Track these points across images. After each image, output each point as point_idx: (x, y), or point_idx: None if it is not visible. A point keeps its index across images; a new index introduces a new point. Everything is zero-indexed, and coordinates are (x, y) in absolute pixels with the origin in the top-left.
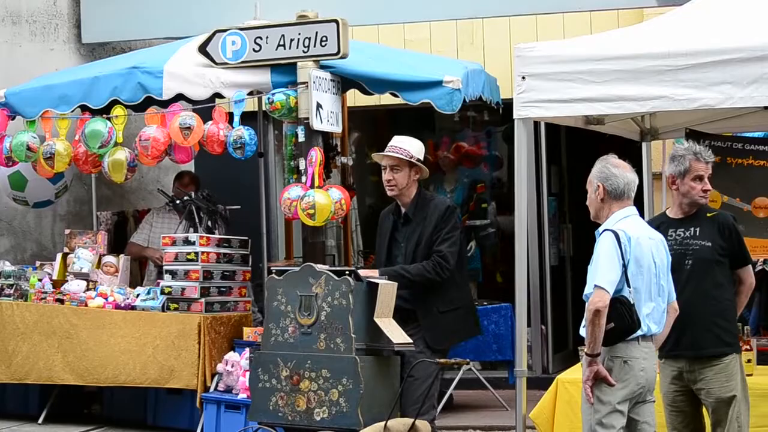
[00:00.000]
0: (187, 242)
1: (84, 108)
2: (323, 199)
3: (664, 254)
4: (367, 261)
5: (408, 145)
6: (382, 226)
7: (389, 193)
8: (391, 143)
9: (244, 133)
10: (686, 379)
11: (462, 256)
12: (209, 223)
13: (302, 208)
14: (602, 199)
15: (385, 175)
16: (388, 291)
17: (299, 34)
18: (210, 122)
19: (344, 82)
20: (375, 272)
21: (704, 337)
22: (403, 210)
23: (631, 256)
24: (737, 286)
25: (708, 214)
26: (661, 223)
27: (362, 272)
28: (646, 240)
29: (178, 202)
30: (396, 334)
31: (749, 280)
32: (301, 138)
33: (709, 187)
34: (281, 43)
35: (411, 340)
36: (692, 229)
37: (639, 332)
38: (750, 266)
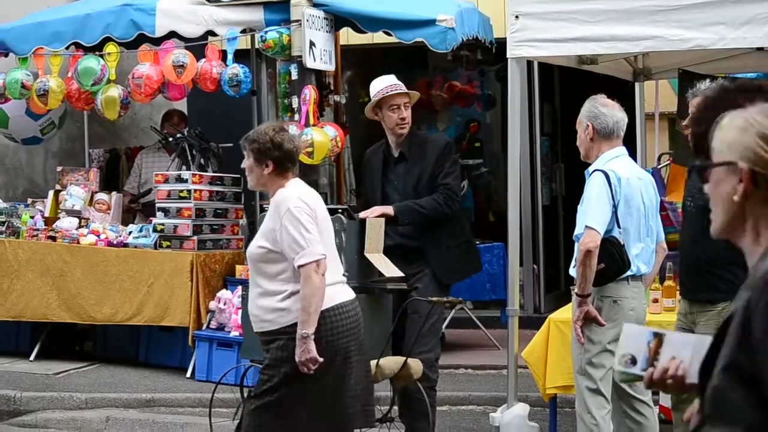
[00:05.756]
0: (179, 180)
1: (77, 45)
2: (321, 137)
3: (653, 194)
4: (359, 199)
5: (399, 81)
6: (371, 165)
7: (402, 131)
8: (388, 83)
9: (239, 71)
10: (689, 319)
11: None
12: (202, 161)
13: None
14: (591, 139)
15: (400, 114)
16: (375, 226)
17: None
18: (203, 60)
19: (337, 20)
20: (389, 209)
21: (693, 282)
22: (395, 148)
23: (621, 197)
24: None
25: None
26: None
27: (377, 209)
28: (635, 180)
29: (170, 139)
30: (388, 268)
31: None
32: (295, 76)
33: (689, 124)
34: None
35: (403, 274)
36: None
37: (629, 272)
38: None
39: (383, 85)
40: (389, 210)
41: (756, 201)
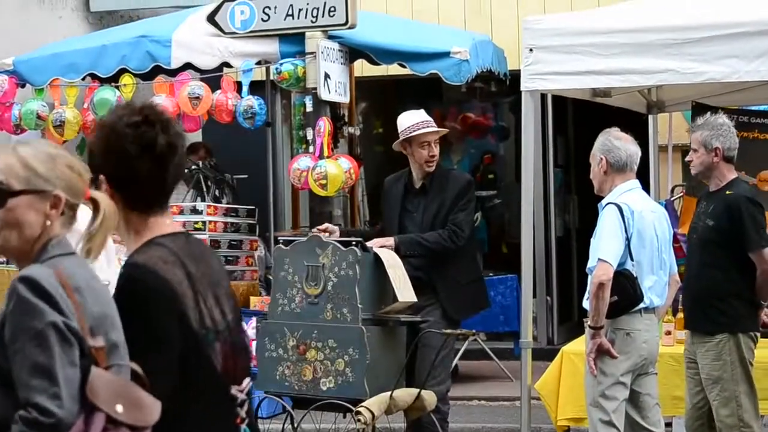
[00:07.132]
0: (194, 211)
1: (93, 76)
2: (335, 169)
3: (666, 227)
4: (376, 226)
5: (429, 117)
6: (390, 194)
7: (430, 168)
8: (420, 120)
9: (254, 102)
10: (691, 349)
11: (472, 228)
12: (216, 192)
13: (314, 179)
14: (605, 172)
15: (431, 151)
16: (397, 270)
17: (307, 4)
18: (218, 91)
19: (352, 52)
20: (390, 240)
21: (694, 313)
22: (418, 180)
23: (634, 230)
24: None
25: (727, 192)
26: (702, 195)
27: (377, 240)
28: (648, 213)
29: (185, 171)
30: (403, 290)
31: (762, 267)
32: (309, 108)
33: (691, 158)
34: (290, 13)
35: (416, 299)
36: (711, 205)
37: (641, 305)
38: (763, 251)
39: (414, 120)
40: (390, 241)
41: (55, 222)
